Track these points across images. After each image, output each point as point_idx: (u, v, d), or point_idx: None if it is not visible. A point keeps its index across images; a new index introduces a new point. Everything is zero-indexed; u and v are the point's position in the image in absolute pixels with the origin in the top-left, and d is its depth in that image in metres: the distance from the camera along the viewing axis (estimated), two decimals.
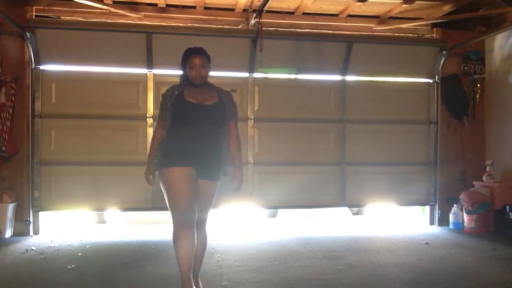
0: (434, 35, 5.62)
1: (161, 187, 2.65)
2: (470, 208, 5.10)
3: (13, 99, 4.76)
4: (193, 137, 2.65)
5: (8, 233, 4.69)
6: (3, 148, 4.66)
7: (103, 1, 4.90)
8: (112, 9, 4.96)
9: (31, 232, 4.87)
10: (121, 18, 5.07)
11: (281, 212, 6.42)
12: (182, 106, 2.68)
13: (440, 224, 5.57)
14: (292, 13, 5.39)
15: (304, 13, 5.39)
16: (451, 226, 5.42)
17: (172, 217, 2.59)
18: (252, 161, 5.30)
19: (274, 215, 6.35)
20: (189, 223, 2.55)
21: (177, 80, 2.88)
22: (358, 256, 4.01)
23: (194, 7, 5.22)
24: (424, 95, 5.68)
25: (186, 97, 2.69)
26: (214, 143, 2.72)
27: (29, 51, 4.82)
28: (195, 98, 2.71)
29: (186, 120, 2.68)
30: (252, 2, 5.01)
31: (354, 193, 5.48)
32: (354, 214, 6.69)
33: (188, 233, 2.53)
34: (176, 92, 2.74)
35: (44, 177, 4.94)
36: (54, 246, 4.35)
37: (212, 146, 2.71)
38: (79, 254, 4.02)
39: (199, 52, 2.74)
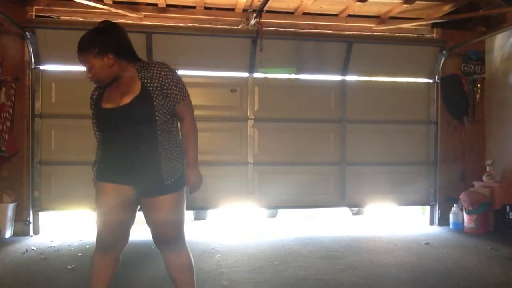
0: (434, 35, 5.62)
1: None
2: (470, 208, 5.10)
3: (13, 99, 4.76)
4: (119, 149, 2.08)
5: (8, 233, 4.69)
6: (3, 148, 4.65)
7: (103, 1, 4.90)
8: (112, 9, 4.96)
9: (31, 232, 4.87)
10: (121, 18, 5.07)
11: (281, 212, 6.42)
12: (97, 114, 2.20)
13: (440, 224, 5.57)
14: (292, 13, 5.39)
15: (304, 13, 5.39)
16: (451, 226, 5.42)
17: (96, 237, 2.16)
18: (252, 161, 5.30)
19: (274, 215, 6.35)
20: (110, 252, 2.17)
21: None
22: (358, 256, 4.01)
23: (194, 7, 5.22)
24: (424, 95, 5.68)
25: (103, 102, 2.14)
26: (148, 148, 2.05)
27: (29, 51, 4.82)
28: (112, 99, 2.10)
29: (105, 130, 2.16)
30: (252, 2, 5.01)
31: (354, 193, 5.48)
32: (354, 214, 6.68)
33: (106, 263, 2.18)
34: (95, 95, 2.22)
35: (44, 177, 4.94)
36: (54, 246, 4.35)
37: (146, 154, 2.05)
38: (79, 254, 4.02)
39: (79, 47, 2.03)
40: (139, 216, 2.25)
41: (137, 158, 2.06)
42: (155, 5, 5.13)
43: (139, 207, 2.22)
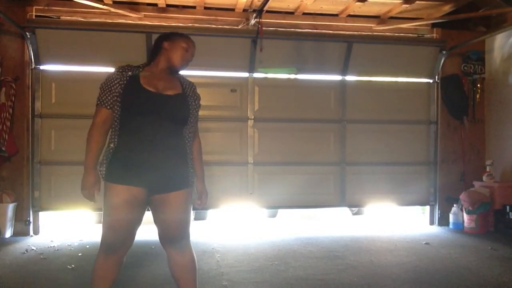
0: (434, 35, 5.63)
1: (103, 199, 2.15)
2: (470, 208, 5.10)
3: (13, 99, 4.76)
4: (149, 138, 2.09)
5: (8, 233, 4.69)
6: (3, 148, 4.65)
7: (103, 1, 4.90)
8: (112, 9, 4.96)
9: (31, 232, 4.87)
10: (121, 18, 5.07)
11: (281, 212, 6.42)
12: (136, 95, 2.10)
13: (440, 224, 5.57)
14: (292, 13, 5.39)
15: (304, 13, 5.39)
16: (451, 226, 5.42)
17: (101, 238, 2.16)
18: (252, 161, 5.30)
19: (274, 215, 6.35)
20: (115, 254, 2.17)
21: None
22: (358, 256, 4.01)
23: (194, 7, 5.22)
24: (424, 95, 5.68)
25: (143, 83, 2.14)
26: (175, 144, 2.17)
27: (29, 51, 4.82)
28: (154, 85, 2.15)
29: (140, 114, 2.10)
30: (252, 2, 5.01)
31: (354, 193, 5.48)
32: (354, 214, 6.68)
33: (110, 264, 2.18)
34: (129, 74, 2.16)
35: (44, 177, 4.94)
36: (54, 246, 4.35)
37: (173, 149, 2.16)
38: (79, 254, 4.03)
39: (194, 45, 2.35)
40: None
41: (163, 149, 2.11)
42: (155, 5, 5.13)
43: (147, 208, 2.23)
